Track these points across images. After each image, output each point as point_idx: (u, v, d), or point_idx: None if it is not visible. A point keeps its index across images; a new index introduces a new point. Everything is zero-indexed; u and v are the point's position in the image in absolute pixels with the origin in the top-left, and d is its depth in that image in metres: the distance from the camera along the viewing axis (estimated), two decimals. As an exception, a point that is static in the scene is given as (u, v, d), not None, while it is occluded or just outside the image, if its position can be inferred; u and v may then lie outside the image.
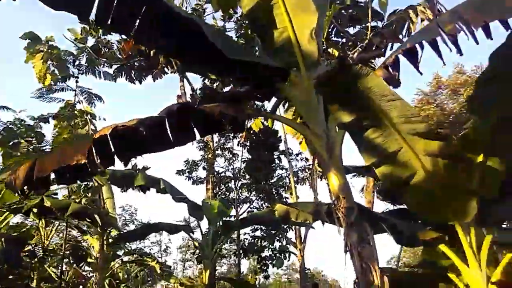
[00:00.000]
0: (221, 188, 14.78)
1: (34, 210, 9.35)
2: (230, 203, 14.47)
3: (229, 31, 11.93)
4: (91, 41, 12.12)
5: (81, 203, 10.55)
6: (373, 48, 5.42)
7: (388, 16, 7.05)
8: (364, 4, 7.97)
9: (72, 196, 11.84)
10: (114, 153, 5.12)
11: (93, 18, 4.43)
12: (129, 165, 9.95)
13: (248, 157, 12.18)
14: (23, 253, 10.07)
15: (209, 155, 14.11)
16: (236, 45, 5.41)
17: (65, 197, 11.64)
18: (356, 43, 7.42)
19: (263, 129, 5.05)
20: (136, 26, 4.34)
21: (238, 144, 14.91)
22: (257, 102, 5.30)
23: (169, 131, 5.05)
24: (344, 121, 3.96)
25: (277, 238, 14.02)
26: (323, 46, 7.31)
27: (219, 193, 14.55)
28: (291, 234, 13.53)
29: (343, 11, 8.14)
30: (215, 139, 15.09)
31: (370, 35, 6.49)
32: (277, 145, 5.05)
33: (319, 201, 4.74)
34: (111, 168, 8.99)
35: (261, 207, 14.14)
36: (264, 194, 14.24)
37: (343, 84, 3.61)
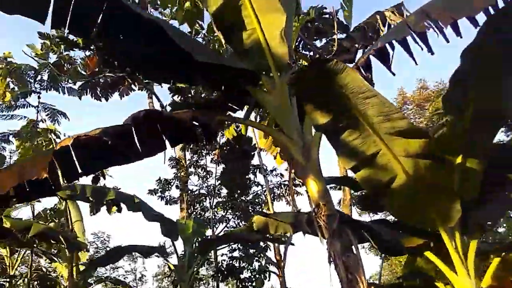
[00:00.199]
0: (196, 207, 14.31)
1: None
2: (206, 223, 14.01)
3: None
4: (52, 58, 11.71)
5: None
6: (344, 53, 5.30)
7: (354, 28, 7.03)
8: (329, 16, 7.97)
9: (40, 222, 11.18)
10: (77, 166, 4.78)
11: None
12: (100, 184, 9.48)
13: (223, 167, 11.86)
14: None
15: (182, 173, 13.67)
16: (203, 48, 5.20)
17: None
18: (323, 56, 7.35)
19: (237, 137, 4.83)
20: (95, 28, 4.07)
21: (211, 161, 14.58)
22: (229, 112, 5.04)
23: (136, 140, 4.74)
24: (320, 122, 3.76)
25: (256, 258, 13.59)
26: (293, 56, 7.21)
27: (194, 212, 14.07)
28: (270, 253, 13.16)
29: (309, 24, 8.11)
30: (188, 156, 14.71)
31: (337, 41, 6.40)
32: (251, 153, 4.86)
33: (299, 209, 4.47)
34: (81, 183, 8.51)
35: (237, 225, 13.71)
36: (241, 212, 13.86)
37: (317, 82, 3.42)
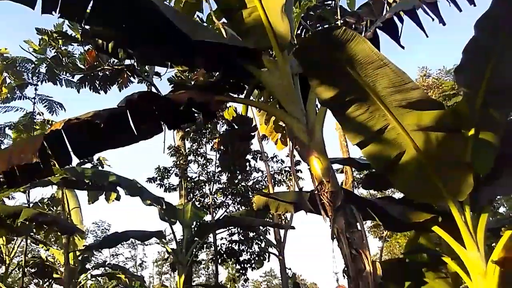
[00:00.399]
0: (195, 194, 14.20)
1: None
2: (205, 209, 13.92)
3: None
4: (50, 53, 11.42)
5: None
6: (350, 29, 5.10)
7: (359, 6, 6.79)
8: (331, 2, 7.73)
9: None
10: (70, 150, 4.61)
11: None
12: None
13: (222, 149, 11.64)
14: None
15: (181, 161, 13.51)
16: (203, 28, 4.97)
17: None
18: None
19: (236, 118, 4.70)
20: (88, 10, 3.86)
21: (211, 149, 14.41)
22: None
23: (131, 123, 4.57)
24: (326, 97, 3.59)
25: (256, 241, 13.56)
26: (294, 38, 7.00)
27: (194, 199, 13.97)
28: (270, 236, 13.11)
29: (311, 11, 7.87)
30: (187, 144, 14.54)
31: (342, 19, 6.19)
32: (252, 134, 4.74)
33: (301, 187, 4.34)
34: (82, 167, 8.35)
35: (237, 211, 13.64)
36: (241, 197, 13.77)
37: (323, 52, 3.24)
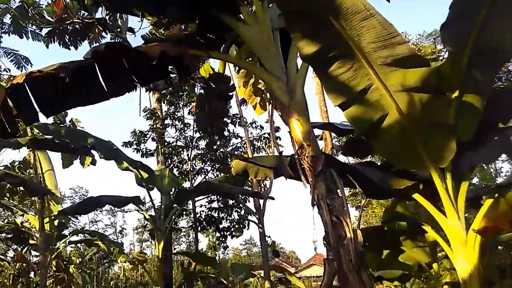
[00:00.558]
0: (173, 159, 13.92)
1: None
2: (184, 175, 13.71)
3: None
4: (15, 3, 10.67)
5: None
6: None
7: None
8: None
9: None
10: (35, 106, 4.30)
11: None
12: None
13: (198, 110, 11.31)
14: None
15: (158, 125, 13.13)
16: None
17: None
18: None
19: (213, 75, 4.41)
20: None
21: (189, 113, 14.05)
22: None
23: (100, 77, 4.25)
24: (308, 52, 3.34)
25: (235, 209, 13.51)
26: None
27: (172, 165, 13.70)
28: (249, 204, 13.06)
29: None
30: (164, 108, 14.14)
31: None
32: (229, 94, 4.49)
33: (281, 151, 4.14)
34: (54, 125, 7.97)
35: (216, 177, 13.48)
36: (220, 164, 13.59)
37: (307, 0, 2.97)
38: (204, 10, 4.23)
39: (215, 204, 13.71)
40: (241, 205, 13.03)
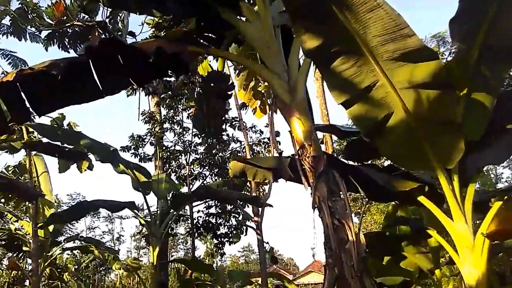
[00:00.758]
0: (172, 164, 13.75)
1: None
2: (182, 180, 13.52)
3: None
4: (15, 5, 10.56)
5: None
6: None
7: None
8: None
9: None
10: (27, 105, 4.15)
11: None
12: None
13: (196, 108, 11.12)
14: None
15: (157, 129, 12.98)
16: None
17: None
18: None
19: (212, 73, 4.27)
20: None
21: (188, 117, 13.90)
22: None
23: (94, 73, 4.11)
24: (310, 46, 3.20)
25: (233, 214, 13.31)
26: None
27: (170, 169, 13.52)
28: (247, 209, 12.84)
29: None
30: (163, 112, 13.99)
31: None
32: (228, 93, 4.33)
33: (281, 151, 3.99)
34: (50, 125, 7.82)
35: (215, 181, 13.29)
36: (218, 169, 13.41)
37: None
38: (204, 5, 4.10)
39: (213, 210, 13.53)
40: (239, 210, 12.84)
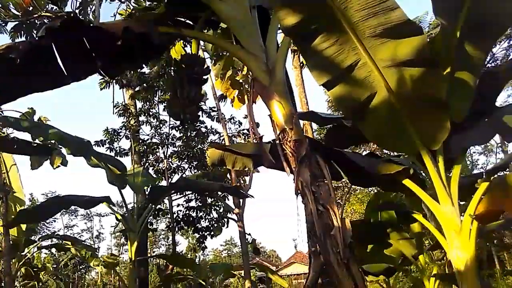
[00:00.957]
0: (149, 158, 13.40)
1: None
2: (160, 174, 13.20)
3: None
4: None
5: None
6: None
7: None
8: None
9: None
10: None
11: None
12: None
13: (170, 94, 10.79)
14: None
15: (132, 122, 12.59)
16: None
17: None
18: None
19: (185, 56, 4.01)
20: None
21: (164, 109, 13.55)
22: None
23: (58, 59, 3.81)
24: (289, 23, 3.01)
25: (214, 207, 13.09)
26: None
27: (147, 164, 13.17)
28: (228, 202, 12.65)
29: None
30: (138, 105, 13.59)
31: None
32: (204, 78, 4.10)
33: (262, 135, 3.81)
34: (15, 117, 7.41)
35: (194, 174, 13.01)
36: (197, 162, 13.14)
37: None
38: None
39: (193, 203, 13.28)
40: (219, 202, 12.63)
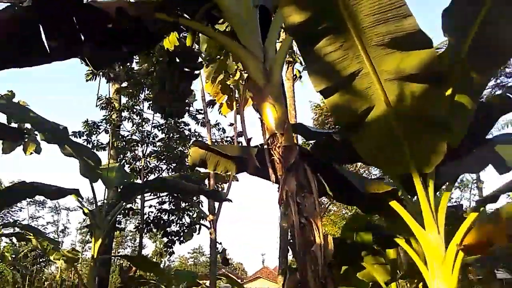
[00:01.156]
0: (126, 155, 12.99)
1: None
2: (136, 172, 12.82)
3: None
4: None
5: None
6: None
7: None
8: None
9: None
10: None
11: None
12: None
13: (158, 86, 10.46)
14: None
15: (114, 116, 12.20)
16: None
17: None
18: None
19: (179, 48, 3.81)
20: None
21: (149, 107, 13.24)
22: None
23: (43, 34, 3.56)
24: (294, 21, 2.85)
25: (187, 212, 12.74)
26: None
27: (124, 160, 12.76)
28: (203, 207, 12.36)
29: None
30: (123, 100, 13.21)
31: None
32: (195, 73, 3.92)
33: (250, 138, 3.62)
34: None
35: (171, 175, 12.67)
36: (176, 164, 12.80)
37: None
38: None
39: (166, 206, 12.90)
40: (193, 208, 12.31)
